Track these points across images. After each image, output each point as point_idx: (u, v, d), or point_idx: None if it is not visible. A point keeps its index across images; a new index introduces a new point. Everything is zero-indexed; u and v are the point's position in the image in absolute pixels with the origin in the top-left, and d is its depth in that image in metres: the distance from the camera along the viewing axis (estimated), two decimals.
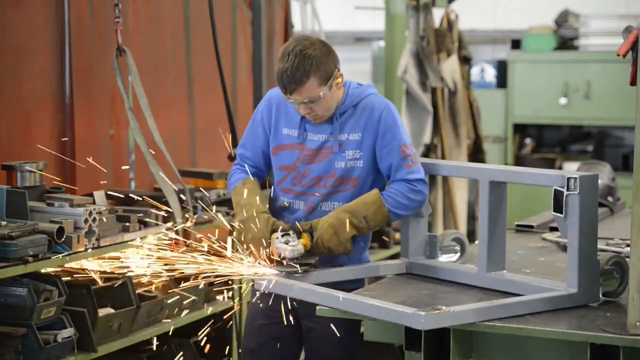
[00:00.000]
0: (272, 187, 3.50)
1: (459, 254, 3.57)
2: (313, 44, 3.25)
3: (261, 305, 3.45)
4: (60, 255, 3.56)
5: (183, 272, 3.33)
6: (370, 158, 3.37)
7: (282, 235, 3.26)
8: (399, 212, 3.34)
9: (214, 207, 4.27)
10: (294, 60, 3.20)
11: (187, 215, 4.24)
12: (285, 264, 3.25)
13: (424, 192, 3.36)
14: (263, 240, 3.28)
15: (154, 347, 4.09)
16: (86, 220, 3.69)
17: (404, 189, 3.33)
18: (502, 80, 9.09)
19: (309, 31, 6.98)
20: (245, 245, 3.33)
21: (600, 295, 3.05)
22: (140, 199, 4.39)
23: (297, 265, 3.23)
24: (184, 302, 4.29)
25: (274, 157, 3.46)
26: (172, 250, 3.40)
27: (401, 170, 3.33)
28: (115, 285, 3.93)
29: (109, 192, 4.35)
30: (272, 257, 3.27)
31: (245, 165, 3.52)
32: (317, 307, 3.04)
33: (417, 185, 3.34)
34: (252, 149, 3.51)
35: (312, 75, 3.22)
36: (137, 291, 4.02)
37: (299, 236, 3.28)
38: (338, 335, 3.37)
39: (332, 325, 3.33)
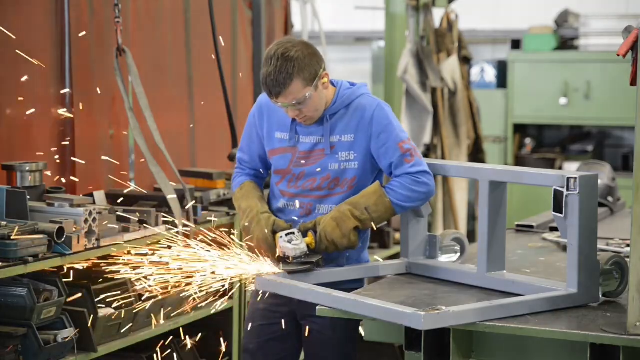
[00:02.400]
0: (270, 188, 3.51)
1: (459, 254, 3.57)
2: (295, 46, 3.24)
3: (261, 305, 3.46)
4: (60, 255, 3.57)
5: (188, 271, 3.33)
6: (366, 159, 3.36)
7: (286, 235, 3.26)
8: (403, 204, 3.32)
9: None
10: (276, 64, 3.20)
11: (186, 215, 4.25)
12: (289, 262, 3.25)
13: (429, 183, 3.33)
14: (266, 239, 3.28)
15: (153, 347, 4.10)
16: (86, 220, 3.69)
17: (407, 182, 3.31)
18: (502, 80, 9.09)
19: (308, 31, 6.98)
20: (253, 249, 3.34)
21: (600, 296, 3.05)
22: (140, 199, 4.39)
23: (300, 264, 3.23)
24: (184, 302, 4.29)
25: (270, 160, 3.47)
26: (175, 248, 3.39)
27: (402, 166, 3.32)
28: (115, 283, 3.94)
29: (109, 192, 4.36)
30: (276, 256, 3.28)
31: (245, 168, 3.54)
32: (317, 307, 3.04)
33: (420, 177, 3.32)
34: (248, 153, 3.52)
35: (295, 77, 3.21)
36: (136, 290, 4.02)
37: (305, 235, 3.28)
38: (337, 335, 3.37)
39: (331, 325, 3.33)
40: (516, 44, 9.34)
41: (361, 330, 3.41)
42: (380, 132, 3.33)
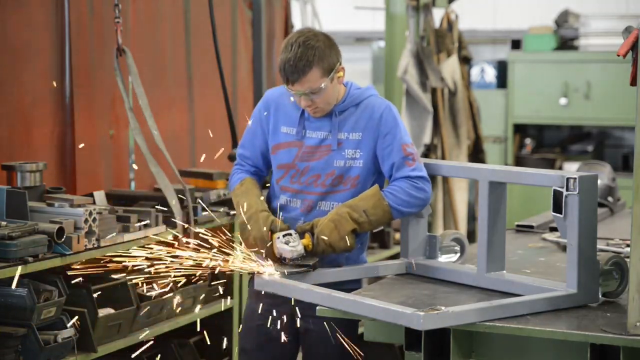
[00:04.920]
0: (270, 185, 3.51)
1: (458, 254, 3.57)
2: (316, 36, 3.27)
3: (259, 305, 3.45)
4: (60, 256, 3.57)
5: (184, 269, 3.33)
6: (371, 159, 3.37)
7: (284, 236, 3.26)
8: (401, 208, 3.33)
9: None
10: (297, 51, 3.22)
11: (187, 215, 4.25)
12: (285, 264, 3.25)
13: (427, 189, 3.35)
14: (263, 238, 3.28)
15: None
16: (86, 221, 3.69)
17: (406, 186, 3.32)
18: (502, 80, 9.09)
19: None
20: (248, 246, 3.34)
21: (600, 296, 3.05)
22: (140, 199, 4.39)
23: (297, 266, 3.23)
24: (184, 302, 4.29)
25: (273, 156, 3.46)
26: (175, 247, 3.39)
27: (402, 168, 3.33)
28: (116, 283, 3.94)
29: (109, 192, 4.36)
30: (273, 257, 3.28)
31: (245, 164, 3.53)
32: (317, 308, 3.04)
33: (419, 182, 3.33)
34: (250, 149, 3.52)
35: (314, 65, 3.23)
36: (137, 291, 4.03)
37: (302, 237, 3.28)
38: (335, 336, 3.37)
39: (330, 326, 3.33)
40: (516, 44, 9.34)
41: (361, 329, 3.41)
42: (387, 133, 3.34)
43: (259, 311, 3.45)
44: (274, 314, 3.43)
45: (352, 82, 3.45)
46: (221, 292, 4.55)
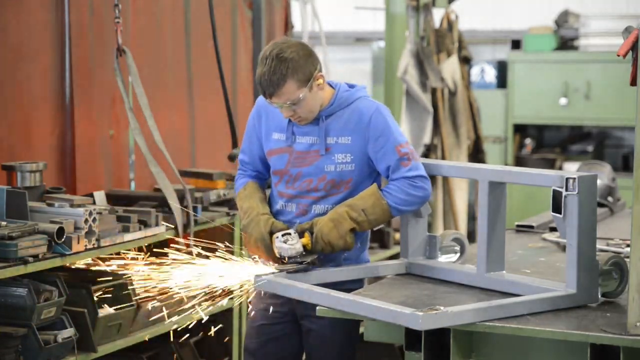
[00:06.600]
0: (270, 189, 3.52)
1: (458, 254, 3.57)
2: (290, 47, 3.23)
3: (261, 305, 3.46)
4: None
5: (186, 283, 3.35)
6: (363, 162, 3.35)
7: (283, 235, 3.27)
8: (400, 207, 3.32)
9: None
10: (271, 64, 3.19)
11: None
12: (284, 262, 3.25)
13: (426, 187, 3.33)
14: (263, 239, 3.29)
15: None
16: (86, 221, 3.69)
17: (403, 185, 3.31)
18: (502, 81, 9.10)
19: (309, 31, 6.98)
20: (249, 249, 3.35)
21: (599, 296, 3.05)
22: (140, 199, 4.39)
23: (296, 264, 3.24)
24: (184, 302, 4.29)
25: (270, 162, 3.47)
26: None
27: (399, 170, 3.32)
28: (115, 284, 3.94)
29: (109, 192, 4.36)
30: (273, 257, 3.28)
31: (247, 170, 3.54)
32: (317, 308, 3.04)
33: (417, 181, 3.32)
34: (249, 155, 3.52)
35: (289, 78, 3.20)
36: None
37: (301, 236, 3.29)
38: (337, 335, 3.38)
39: (331, 325, 3.33)
40: (516, 44, 9.35)
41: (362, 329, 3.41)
42: (378, 136, 3.32)
43: (262, 311, 3.46)
44: (277, 313, 3.43)
45: (341, 84, 3.41)
46: (221, 293, 4.55)
